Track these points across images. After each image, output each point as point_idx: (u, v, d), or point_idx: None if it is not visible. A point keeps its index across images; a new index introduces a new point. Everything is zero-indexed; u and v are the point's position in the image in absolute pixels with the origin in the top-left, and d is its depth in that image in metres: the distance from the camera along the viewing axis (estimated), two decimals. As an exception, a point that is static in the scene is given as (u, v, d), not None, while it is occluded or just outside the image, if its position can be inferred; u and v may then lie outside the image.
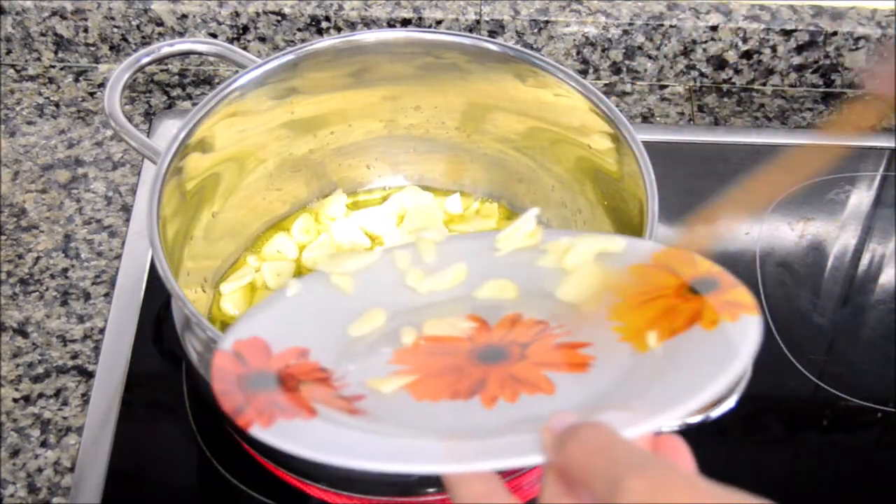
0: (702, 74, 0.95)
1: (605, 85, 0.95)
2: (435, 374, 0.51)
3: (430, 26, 0.91)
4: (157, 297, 0.77)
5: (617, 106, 0.71)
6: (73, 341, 0.75)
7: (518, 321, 0.54)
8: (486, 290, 0.57)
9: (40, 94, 0.92)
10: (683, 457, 0.42)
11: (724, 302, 0.50)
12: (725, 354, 0.46)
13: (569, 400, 0.48)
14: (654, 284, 0.53)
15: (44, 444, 0.70)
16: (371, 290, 0.57)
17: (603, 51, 0.93)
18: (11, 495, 0.68)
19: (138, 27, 0.92)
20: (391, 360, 0.52)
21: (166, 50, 0.74)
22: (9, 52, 0.94)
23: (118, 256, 0.80)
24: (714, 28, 0.91)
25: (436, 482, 0.63)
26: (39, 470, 0.69)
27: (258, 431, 0.44)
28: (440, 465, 0.42)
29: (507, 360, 0.51)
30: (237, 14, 0.91)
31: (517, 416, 0.47)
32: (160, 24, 0.92)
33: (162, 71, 0.95)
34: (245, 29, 0.92)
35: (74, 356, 0.75)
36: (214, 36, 0.92)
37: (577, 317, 0.54)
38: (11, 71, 0.94)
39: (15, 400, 0.72)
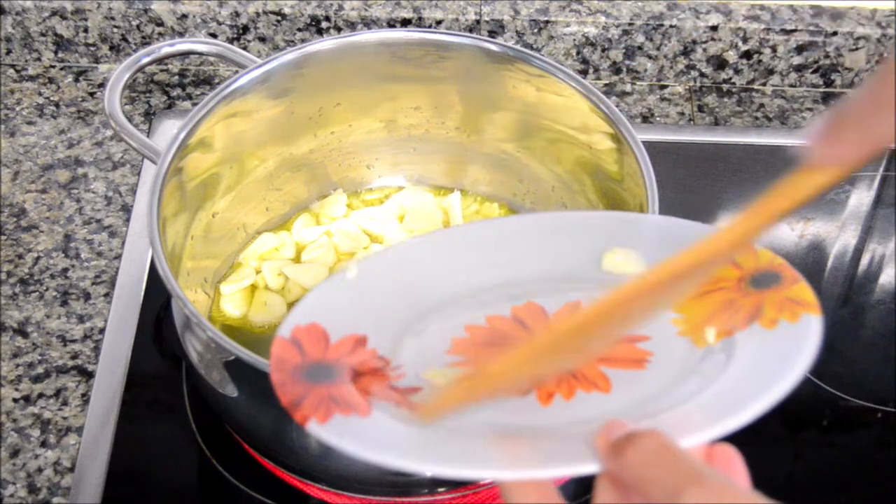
0: (702, 74, 0.95)
1: (605, 85, 0.95)
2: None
3: (430, 26, 0.91)
4: (157, 297, 0.77)
5: (617, 106, 0.71)
6: (73, 341, 0.76)
7: (577, 309, 0.53)
8: (548, 275, 0.56)
9: (40, 94, 0.92)
10: (738, 469, 0.41)
11: (785, 299, 0.48)
12: (784, 359, 0.44)
13: (624, 400, 0.47)
14: (716, 276, 0.52)
15: (44, 444, 0.70)
16: (432, 276, 0.56)
17: (603, 51, 0.93)
18: (11, 495, 0.68)
19: (138, 27, 0.92)
20: (449, 351, 0.52)
21: (166, 50, 0.74)
22: (9, 52, 0.94)
23: (118, 256, 0.80)
24: (714, 28, 0.91)
25: (435, 484, 0.63)
26: (39, 470, 0.69)
27: (315, 428, 0.43)
28: (496, 472, 0.41)
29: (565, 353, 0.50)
30: (237, 14, 0.91)
31: (572, 415, 0.46)
32: (160, 24, 0.92)
33: (162, 71, 0.95)
34: (245, 29, 0.92)
35: (74, 356, 0.75)
36: (214, 36, 0.92)
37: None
38: (11, 71, 0.94)
39: (15, 400, 0.72)
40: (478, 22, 0.92)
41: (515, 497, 0.41)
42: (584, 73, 0.94)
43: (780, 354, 0.45)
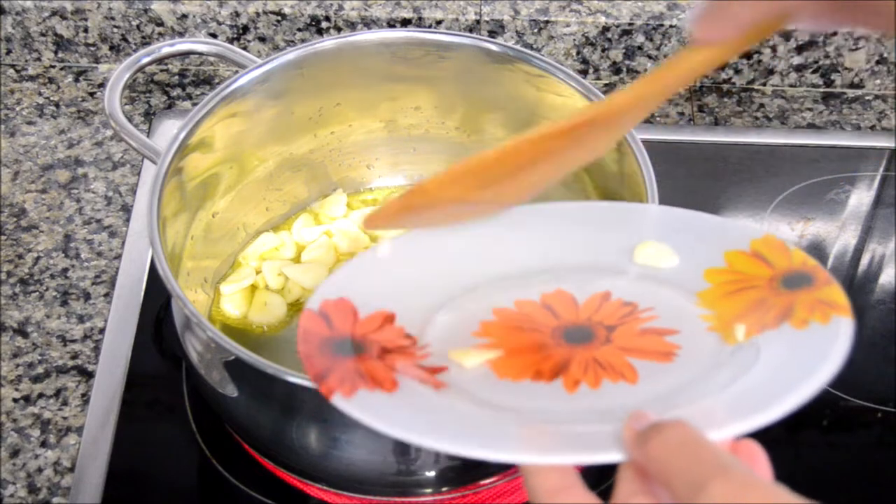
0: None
1: (605, 85, 0.95)
2: (519, 350, 0.50)
3: (430, 26, 0.91)
4: (157, 297, 0.77)
5: (617, 106, 0.71)
6: (73, 341, 0.76)
7: (607, 300, 0.53)
8: (579, 263, 0.56)
9: (40, 94, 0.92)
10: (762, 464, 0.41)
11: (817, 300, 0.48)
12: (814, 360, 0.44)
13: (651, 391, 0.47)
14: (748, 274, 0.52)
15: (44, 444, 0.70)
16: (462, 257, 0.56)
17: (603, 51, 0.93)
18: (11, 495, 0.68)
19: (138, 27, 0.92)
20: (476, 332, 0.52)
21: (166, 50, 0.74)
22: (9, 52, 0.94)
23: (118, 256, 0.80)
24: (714, 28, 0.91)
25: (436, 483, 0.63)
26: (39, 470, 0.69)
27: (339, 401, 0.43)
28: (518, 455, 0.41)
29: (593, 342, 0.50)
30: (237, 14, 0.91)
31: (598, 405, 0.46)
32: (160, 24, 0.92)
33: (162, 71, 0.95)
34: (245, 29, 0.92)
35: (74, 356, 0.75)
36: (214, 36, 0.92)
37: (668, 301, 0.53)
38: (11, 71, 0.94)
39: (15, 400, 0.72)
40: (478, 22, 0.92)
41: (536, 481, 0.41)
42: (584, 73, 0.94)
43: (810, 355, 0.45)
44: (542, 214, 0.58)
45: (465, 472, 0.63)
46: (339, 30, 0.92)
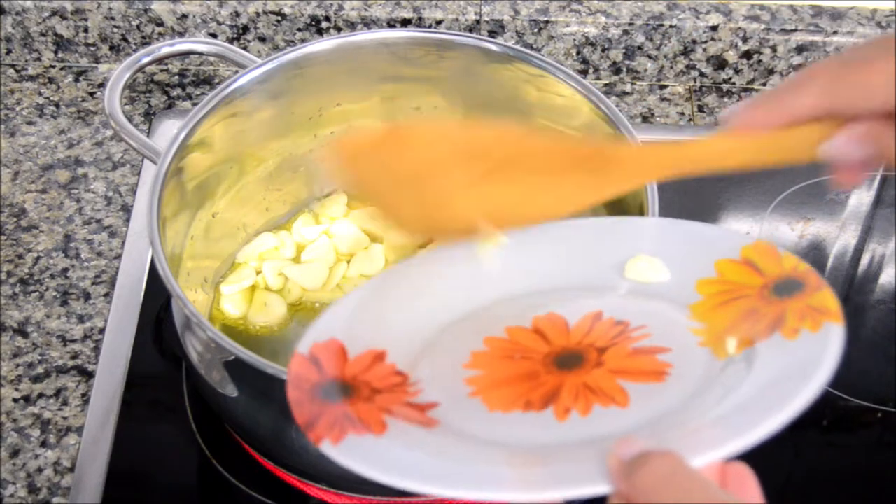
0: (702, 74, 0.95)
1: (605, 85, 0.95)
2: (509, 380, 0.50)
3: (430, 26, 0.92)
4: (157, 297, 0.77)
5: (617, 106, 0.71)
6: (73, 341, 0.76)
7: (599, 320, 0.53)
8: (569, 283, 0.55)
9: (40, 94, 0.92)
10: (751, 488, 0.41)
11: (808, 307, 0.47)
12: (804, 371, 0.43)
13: (641, 415, 0.46)
14: (739, 283, 0.51)
15: (44, 444, 0.70)
16: (451, 286, 0.55)
17: (603, 51, 0.93)
18: (11, 495, 0.68)
19: (138, 27, 0.92)
20: (467, 364, 0.51)
21: (166, 50, 0.74)
22: (9, 52, 0.94)
23: (118, 256, 0.80)
24: (714, 28, 0.91)
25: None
26: (39, 470, 0.69)
27: (328, 448, 0.43)
28: (509, 494, 0.41)
29: (583, 366, 0.50)
30: (237, 14, 0.91)
31: (588, 432, 0.46)
32: (160, 24, 0.92)
33: (162, 71, 0.95)
34: (245, 29, 0.92)
35: (74, 356, 0.75)
36: (214, 36, 0.92)
37: (660, 316, 0.52)
38: (11, 71, 0.94)
39: (15, 400, 0.72)
40: (478, 22, 0.92)
41: None
42: (584, 73, 0.94)
43: (800, 365, 0.44)
44: (530, 235, 0.57)
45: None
46: (339, 30, 0.92)
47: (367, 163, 0.54)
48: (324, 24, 0.92)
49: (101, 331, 0.76)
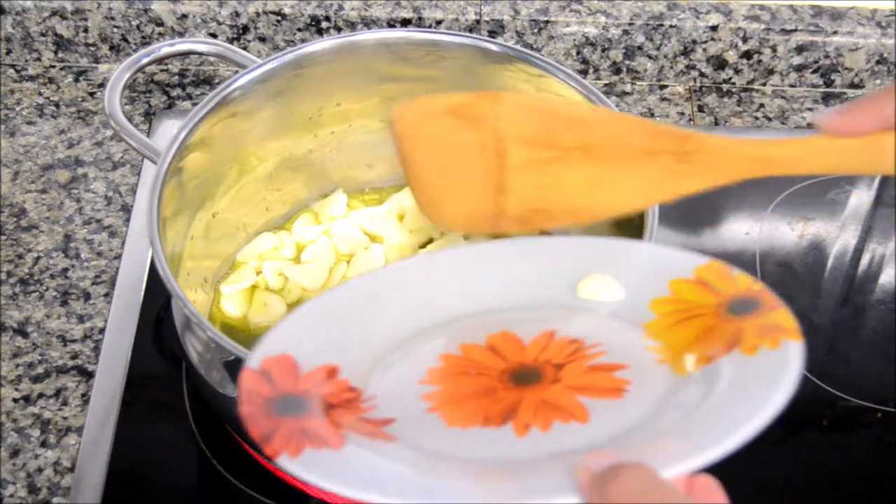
0: (702, 74, 0.95)
1: (605, 85, 0.95)
2: (466, 396, 0.50)
3: (430, 26, 0.91)
4: (157, 297, 0.77)
5: (617, 106, 0.71)
6: (73, 341, 0.76)
7: (552, 339, 0.53)
8: (524, 301, 0.55)
9: (40, 94, 0.92)
10: (719, 500, 0.41)
11: (765, 325, 0.48)
12: (766, 386, 0.44)
13: (603, 430, 0.46)
14: (694, 302, 0.52)
15: (44, 444, 0.70)
16: (405, 303, 0.55)
17: (603, 51, 0.93)
18: (11, 495, 0.68)
19: (138, 27, 0.92)
20: (423, 381, 0.51)
21: (166, 50, 0.74)
22: (9, 52, 0.94)
23: (118, 256, 0.80)
24: (714, 28, 0.91)
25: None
26: (39, 470, 0.69)
27: (286, 462, 0.42)
28: None
29: (541, 382, 0.50)
30: (237, 14, 0.91)
31: (550, 447, 0.46)
32: (160, 24, 0.92)
33: (162, 71, 0.95)
34: (245, 29, 0.92)
35: (74, 356, 0.75)
36: (214, 36, 0.92)
37: (614, 335, 0.52)
38: (11, 71, 0.94)
39: (15, 400, 0.72)
40: (478, 22, 0.92)
41: None
42: (584, 73, 0.94)
43: (762, 381, 0.44)
44: (486, 254, 0.57)
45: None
46: (339, 30, 0.92)
47: (425, 131, 0.53)
48: (324, 24, 0.92)
49: (101, 331, 0.76)
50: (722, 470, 0.42)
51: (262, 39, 0.93)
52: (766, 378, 0.44)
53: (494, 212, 0.54)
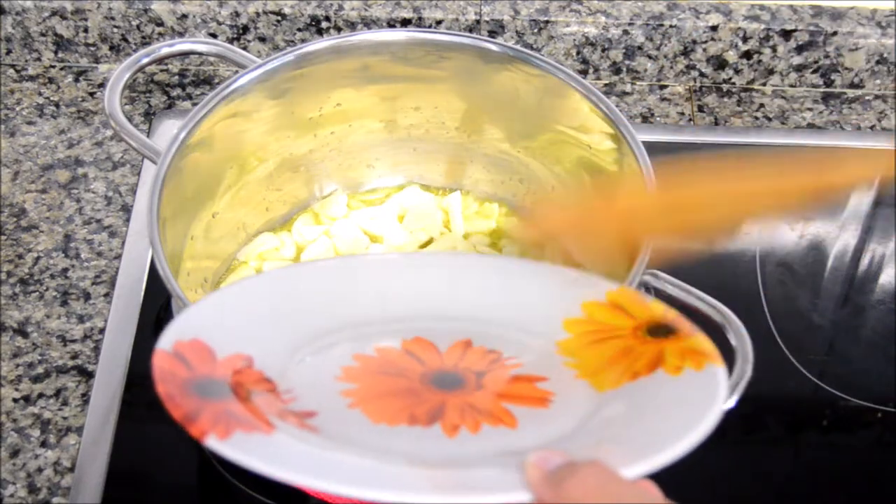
0: (702, 74, 0.95)
1: (605, 85, 0.95)
2: (388, 393, 0.49)
3: (430, 26, 0.91)
4: (157, 297, 0.77)
5: (617, 106, 0.71)
6: (73, 341, 0.76)
7: (469, 348, 0.53)
8: (434, 313, 0.55)
9: (40, 94, 0.92)
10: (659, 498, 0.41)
11: (685, 349, 0.49)
12: (699, 402, 0.45)
13: (534, 436, 0.46)
14: (609, 324, 0.53)
15: (44, 444, 0.70)
16: (318, 299, 0.54)
17: (603, 51, 0.93)
18: (11, 495, 0.68)
19: (138, 27, 0.92)
20: (340, 377, 0.51)
21: (166, 50, 0.74)
22: (9, 52, 0.94)
23: (118, 256, 0.80)
24: (714, 28, 0.91)
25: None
26: (39, 470, 0.69)
27: (214, 443, 0.41)
28: (422, 496, 0.40)
29: (464, 387, 0.50)
30: (237, 14, 0.91)
31: (484, 448, 0.46)
32: (160, 24, 0.92)
33: (162, 71, 0.95)
34: (245, 29, 0.92)
35: (74, 356, 0.75)
36: (214, 36, 0.92)
37: (530, 349, 0.53)
38: (11, 71, 0.94)
39: (15, 400, 0.72)
40: (478, 22, 0.92)
41: None
42: (584, 73, 0.94)
43: (695, 397, 0.45)
44: (404, 263, 0.58)
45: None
46: (339, 30, 0.92)
47: (562, 234, 0.58)
48: (324, 24, 0.92)
49: (101, 331, 0.76)
50: (722, 469, 0.42)
51: (262, 39, 0.93)
52: (697, 395, 0.45)
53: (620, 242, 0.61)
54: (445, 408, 0.48)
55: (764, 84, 0.95)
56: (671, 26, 0.91)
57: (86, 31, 0.92)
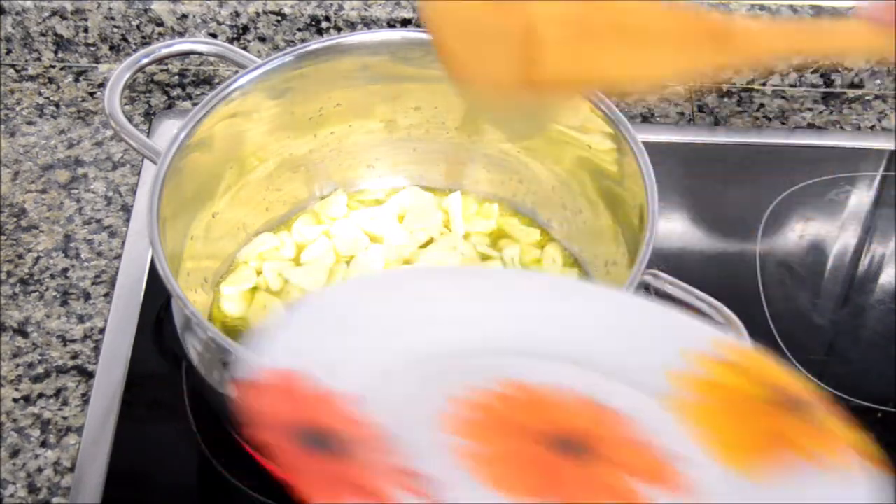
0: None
1: (605, 85, 0.95)
2: (506, 458, 0.41)
3: (430, 26, 0.91)
4: (157, 297, 0.77)
5: (617, 106, 0.71)
6: (73, 341, 0.76)
7: (580, 399, 0.44)
8: (516, 346, 0.47)
9: (40, 94, 0.92)
10: None
11: (831, 437, 0.42)
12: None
13: None
14: (730, 386, 0.45)
15: (44, 444, 0.70)
16: (401, 319, 0.46)
17: (603, 51, 0.93)
18: (11, 495, 0.68)
19: (138, 27, 0.92)
20: (443, 428, 0.42)
21: (166, 50, 0.74)
22: (9, 52, 0.94)
23: (118, 256, 0.80)
24: (714, 28, 0.91)
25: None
26: (39, 470, 0.69)
27: None
28: None
29: (588, 454, 0.42)
30: (237, 14, 0.91)
31: None
32: (160, 24, 0.92)
33: (162, 71, 0.95)
34: (245, 29, 0.92)
35: (74, 356, 0.75)
36: (214, 36, 0.92)
37: (638, 405, 0.45)
38: (11, 71, 0.94)
39: (15, 400, 0.72)
40: (478, 22, 0.91)
41: None
42: (584, 73, 0.94)
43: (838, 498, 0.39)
44: (483, 280, 0.50)
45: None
46: (339, 30, 0.92)
47: (456, 15, 0.51)
48: (324, 24, 0.92)
49: (101, 331, 0.76)
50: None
51: (262, 39, 0.93)
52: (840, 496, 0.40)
53: (524, 81, 0.51)
54: (570, 481, 0.41)
55: (764, 84, 0.95)
56: (671, 26, 0.91)
57: (86, 31, 0.92)
